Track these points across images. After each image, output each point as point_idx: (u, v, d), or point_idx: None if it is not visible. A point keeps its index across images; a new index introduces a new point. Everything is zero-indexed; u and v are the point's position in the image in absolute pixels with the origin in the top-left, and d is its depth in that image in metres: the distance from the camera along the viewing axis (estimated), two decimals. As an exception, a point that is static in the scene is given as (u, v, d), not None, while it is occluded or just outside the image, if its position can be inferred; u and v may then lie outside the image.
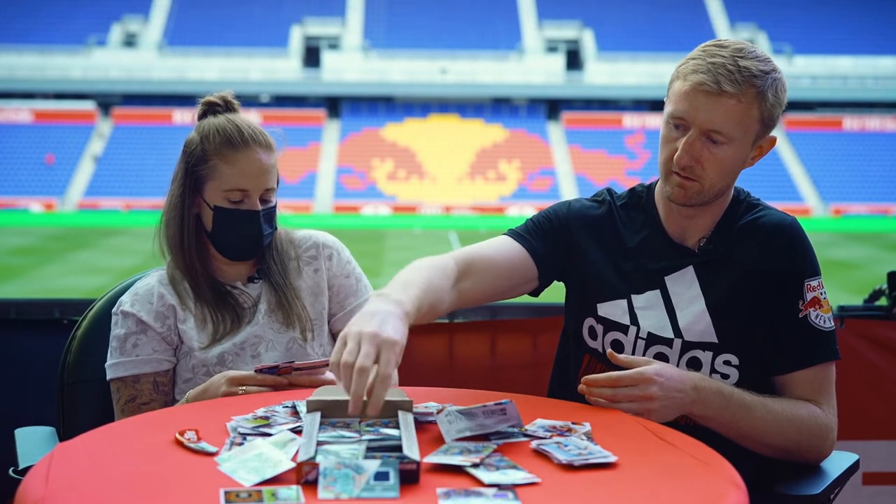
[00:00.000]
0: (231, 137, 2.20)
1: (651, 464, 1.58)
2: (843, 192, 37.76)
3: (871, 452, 3.17)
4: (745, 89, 1.94)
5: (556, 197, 36.76)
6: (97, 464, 1.55)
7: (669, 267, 2.08)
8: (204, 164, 2.20)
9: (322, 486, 1.41)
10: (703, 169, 1.98)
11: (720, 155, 1.98)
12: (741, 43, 2.01)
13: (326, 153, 40.21)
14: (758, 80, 1.96)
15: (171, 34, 44.53)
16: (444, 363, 3.11)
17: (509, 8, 47.19)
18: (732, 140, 1.97)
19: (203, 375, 2.19)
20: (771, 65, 2.00)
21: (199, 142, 2.22)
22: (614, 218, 2.15)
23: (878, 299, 3.32)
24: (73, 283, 17.54)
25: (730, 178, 2.04)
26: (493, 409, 1.68)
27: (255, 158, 2.20)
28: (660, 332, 2.06)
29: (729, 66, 1.94)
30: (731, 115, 1.95)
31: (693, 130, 1.96)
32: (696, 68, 1.96)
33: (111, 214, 33.33)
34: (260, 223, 2.21)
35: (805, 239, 2.07)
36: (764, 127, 2.01)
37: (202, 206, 2.23)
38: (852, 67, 43.03)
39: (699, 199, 2.02)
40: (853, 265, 20.93)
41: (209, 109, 2.29)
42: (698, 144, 1.97)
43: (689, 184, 2.00)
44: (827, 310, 2.04)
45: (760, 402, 1.94)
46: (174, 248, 2.26)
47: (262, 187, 2.21)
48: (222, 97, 2.30)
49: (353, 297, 2.33)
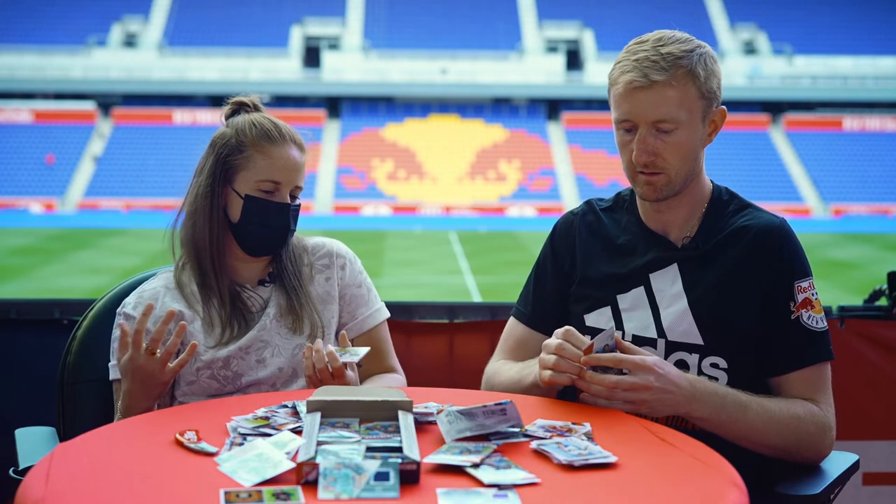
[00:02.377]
0: (269, 131, 2.24)
1: (651, 464, 1.58)
2: (843, 192, 37.74)
3: (871, 452, 3.17)
4: (674, 72, 1.98)
5: (556, 197, 36.78)
6: (97, 464, 1.55)
7: (654, 262, 2.09)
8: (239, 154, 2.22)
9: (322, 486, 1.42)
10: (665, 160, 2.02)
11: (675, 141, 2.01)
12: (661, 32, 2.06)
13: (326, 153, 40.19)
14: (683, 60, 1.99)
15: (171, 34, 44.51)
16: (444, 363, 3.11)
17: (509, 8, 47.18)
18: (680, 123, 2.00)
19: (207, 378, 2.18)
20: (693, 43, 2.03)
21: (233, 134, 2.25)
22: (600, 219, 2.19)
23: (878, 299, 3.32)
24: (73, 283, 17.55)
25: (692, 161, 2.06)
26: (493, 409, 1.68)
27: (290, 154, 2.24)
28: (643, 332, 2.07)
29: (652, 56, 1.99)
30: (669, 102, 1.99)
31: (641, 128, 2.01)
32: (623, 69, 2.01)
33: (111, 214, 33.30)
34: (288, 217, 2.23)
35: (794, 240, 2.07)
36: (707, 101, 2.03)
37: (231, 196, 2.23)
38: (852, 67, 43.01)
39: (670, 189, 2.05)
40: (853, 265, 20.92)
41: (239, 108, 2.33)
42: (651, 139, 2.01)
43: (656, 178, 2.04)
44: (819, 310, 2.04)
45: (756, 401, 1.94)
46: (196, 242, 2.24)
47: (293, 183, 2.24)
48: (251, 99, 2.34)
49: (364, 307, 2.34)
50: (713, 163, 26.34)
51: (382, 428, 1.67)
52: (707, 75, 2.02)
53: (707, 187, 2.14)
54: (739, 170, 37.27)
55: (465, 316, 3.17)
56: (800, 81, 42.33)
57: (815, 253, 21.61)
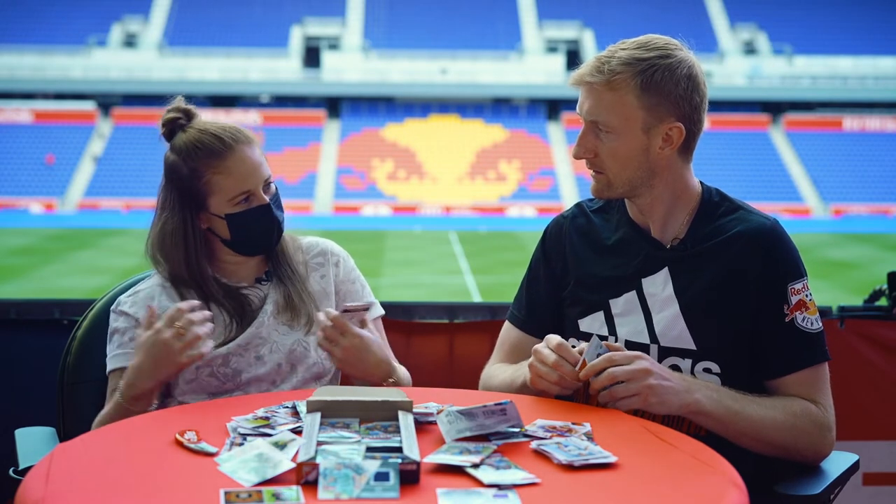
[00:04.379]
0: (212, 148, 2.17)
1: (651, 464, 1.58)
2: (843, 192, 37.73)
3: (871, 452, 3.17)
4: (611, 77, 1.97)
5: (556, 197, 36.77)
6: (97, 464, 1.56)
7: (646, 268, 2.08)
8: (198, 181, 2.18)
9: (322, 486, 1.42)
10: (602, 161, 2.03)
11: (609, 145, 2.01)
12: (648, 37, 2.03)
13: (326, 153, 40.19)
14: (628, 68, 1.97)
15: (171, 34, 44.51)
16: (444, 363, 3.12)
17: (509, 8, 47.18)
18: (613, 129, 2.00)
19: (207, 376, 2.18)
20: (658, 53, 1.98)
21: (182, 163, 2.19)
22: (591, 221, 2.19)
23: (878, 299, 3.32)
24: (73, 283, 17.55)
25: (635, 169, 2.03)
26: (493, 409, 1.68)
27: (244, 157, 2.19)
28: (636, 337, 2.06)
29: (604, 57, 2.00)
30: (601, 105, 1.99)
31: (584, 123, 2.04)
32: (587, 61, 2.03)
33: (111, 214, 33.31)
34: (273, 213, 2.22)
35: (787, 241, 2.05)
36: (648, 114, 1.98)
37: (212, 219, 2.21)
38: (852, 67, 43.00)
39: (611, 191, 2.06)
40: (853, 265, 20.92)
41: (173, 127, 2.25)
42: (590, 136, 2.03)
43: (599, 177, 2.06)
44: (814, 311, 2.02)
45: (752, 398, 1.94)
46: (180, 265, 2.22)
47: (261, 181, 2.21)
48: (177, 108, 2.25)
49: (357, 302, 2.34)
50: (714, 163, 26.38)
51: (382, 428, 1.67)
52: (656, 89, 1.96)
53: (694, 190, 2.10)
54: (739, 170, 37.27)
55: (465, 316, 3.17)
56: (800, 81, 42.32)
57: (815, 253, 21.61)
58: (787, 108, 42.73)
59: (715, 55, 42.82)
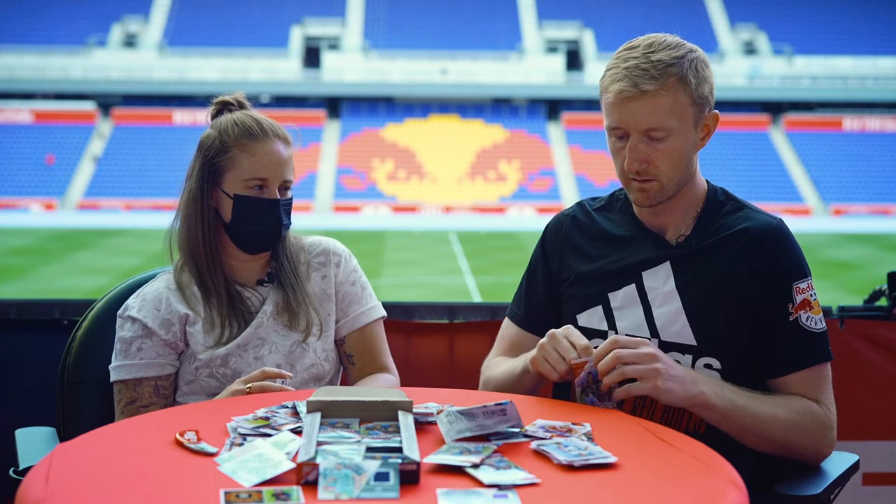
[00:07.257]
0: (250, 128, 2.23)
1: (651, 464, 1.58)
2: (843, 192, 37.73)
3: (871, 452, 3.17)
4: (664, 81, 1.97)
5: (556, 197, 36.77)
6: (97, 464, 1.55)
7: (647, 261, 2.08)
8: (223, 155, 2.22)
9: (322, 486, 1.42)
10: (657, 167, 2.01)
11: (667, 149, 2.00)
12: (652, 37, 2.04)
13: (326, 153, 40.19)
14: (674, 68, 1.97)
15: (171, 34, 44.51)
16: (444, 363, 3.12)
17: (509, 8, 47.17)
18: (672, 131, 1.99)
19: (206, 377, 2.19)
20: (684, 48, 2.01)
21: (217, 135, 2.24)
22: (592, 218, 2.20)
23: (878, 299, 3.32)
24: (73, 284, 17.55)
25: (685, 167, 2.05)
26: (493, 409, 1.68)
27: (274, 149, 2.23)
28: (636, 331, 2.06)
29: (642, 65, 1.97)
30: (660, 110, 1.98)
31: (633, 136, 2.00)
32: (613, 78, 2.00)
33: (111, 215, 33.30)
34: (280, 212, 2.23)
35: (792, 240, 2.05)
36: (698, 107, 2.02)
37: (221, 197, 2.23)
38: (852, 67, 43.01)
39: (662, 195, 2.05)
40: (853, 265, 20.92)
41: (223, 108, 2.32)
42: (642, 146, 2.00)
43: (648, 185, 2.03)
44: (818, 311, 2.02)
45: (755, 395, 1.95)
46: (191, 244, 2.25)
47: (281, 178, 2.23)
48: (235, 97, 2.33)
49: (356, 304, 2.35)
50: (714, 163, 26.35)
51: (382, 428, 1.67)
52: (698, 81, 2.00)
53: (702, 188, 2.13)
54: (739, 170, 37.28)
55: (464, 316, 3.17)
56: (800, 81, 42.31)
57: (815, 253, 21.61)
58: (787, 108, 42.74)
59: (715, 55, 42.81)
